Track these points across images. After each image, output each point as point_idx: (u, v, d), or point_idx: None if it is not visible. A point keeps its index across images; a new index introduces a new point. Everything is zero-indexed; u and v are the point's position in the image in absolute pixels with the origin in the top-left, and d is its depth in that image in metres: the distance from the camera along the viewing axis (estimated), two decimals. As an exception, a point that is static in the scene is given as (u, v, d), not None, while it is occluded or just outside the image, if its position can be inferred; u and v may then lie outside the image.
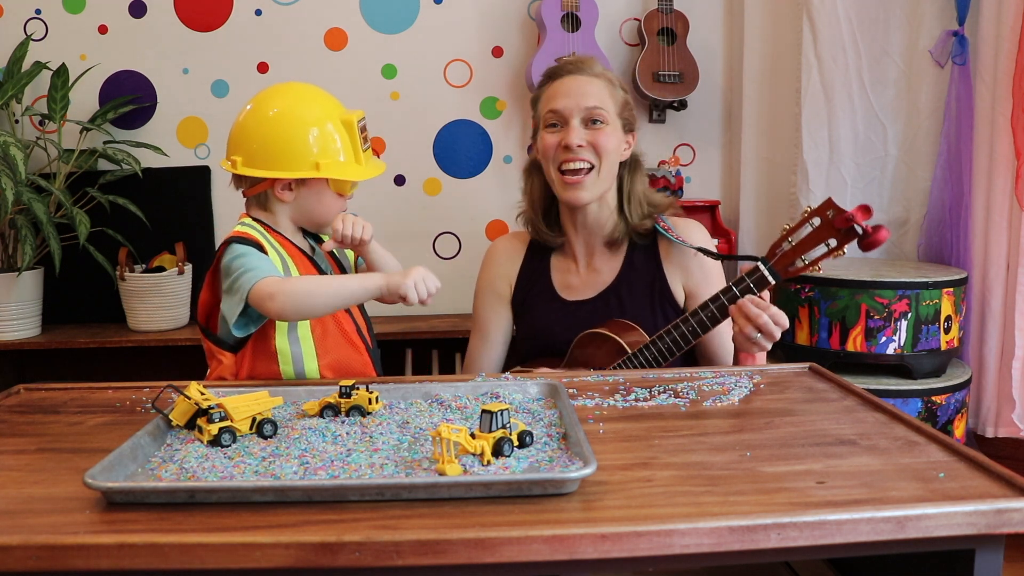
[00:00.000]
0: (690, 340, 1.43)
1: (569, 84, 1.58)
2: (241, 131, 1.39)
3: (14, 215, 2.40)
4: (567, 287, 1.66)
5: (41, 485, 0.90)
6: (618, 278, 1.63)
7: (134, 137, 2.68)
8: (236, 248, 1.31)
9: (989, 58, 2.34)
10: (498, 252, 1.75)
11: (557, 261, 1.70)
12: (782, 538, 0.77)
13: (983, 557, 0.83)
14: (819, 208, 1.34)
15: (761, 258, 1.39)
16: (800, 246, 1.35)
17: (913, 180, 2.53)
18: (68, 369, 2.73)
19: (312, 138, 1.36)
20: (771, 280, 1.38)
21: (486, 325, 1.72)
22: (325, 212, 1.42)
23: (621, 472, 0.90)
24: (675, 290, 1.63)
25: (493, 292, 1.72)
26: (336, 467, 0.91)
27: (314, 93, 1.43)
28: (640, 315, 1.59)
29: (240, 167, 1.37)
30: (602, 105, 1.57)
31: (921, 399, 2.20)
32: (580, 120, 1.56)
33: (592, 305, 1.62)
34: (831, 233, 1.32)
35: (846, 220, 1.29)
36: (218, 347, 1.38)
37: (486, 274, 1.75)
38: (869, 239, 1.30)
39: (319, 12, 2.70)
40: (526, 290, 1.69)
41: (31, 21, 2.65)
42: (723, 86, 2.81)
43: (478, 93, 2.75)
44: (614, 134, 1.58)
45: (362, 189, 2.79)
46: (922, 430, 1.02)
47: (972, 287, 2.41)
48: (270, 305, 1.24)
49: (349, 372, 1.40)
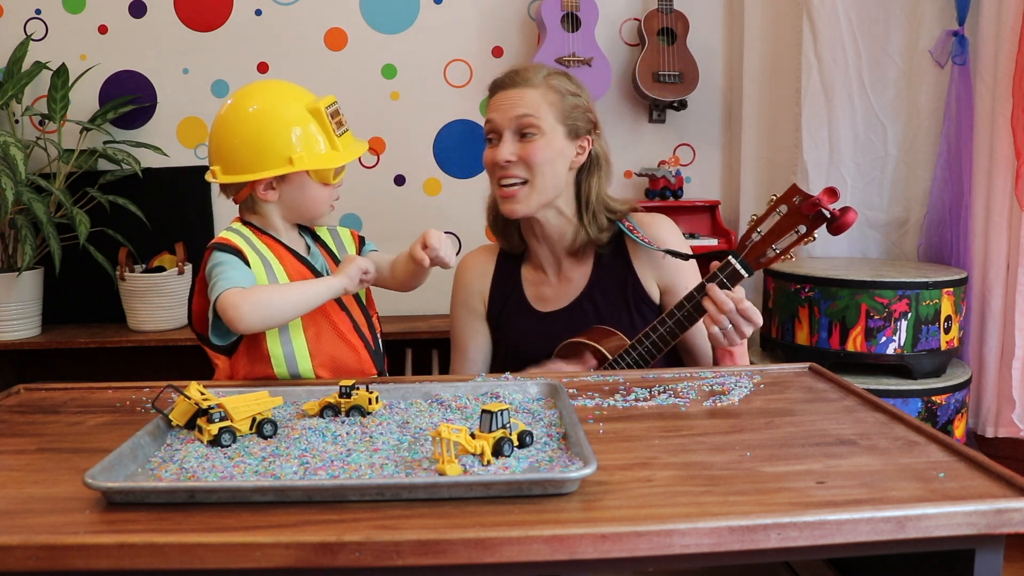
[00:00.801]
0: (669, 341, 1.42)
1: (501, 98, 1.56)
2: (214, 141, 1.40)
3: (14, 215, 2.40)
4: (540, 299, 1.65)
5: (41, 485, 0.90)
6: (590, 284, 1.62)
7: (134, 137, 2.68)
8: (216, 256, 1.33)
9: (989, 58, 2.34)
10: (468, 268, 1.72)
11: (528, 273, 1.68)
12: (782, 538, 0.77)
13: (983, 557, 0.83)
14: (784, 195, 1.32)
15: (731, 251, 1.37)
16: (769, 235, 1.33)
17: (913, 180, 2.53)
18: (68, 369, 2.73)
19: (281, 133, 1.36)
20: (744, 273, 1.36)
21: (464, 343, 1.70)
22: (313, 204, 1.41)
23: (621, 472, 0.90)
24: (649, 289, 1.61)
25: (468, 309, 1.70)
26: (336, 467, 0.91)
27: (277, 89, 1.43)
28: (617, 318, 1.57)
29: (220, 176, 1.39)
30: (533, 114, 1.53)
31: (921, 399, 2.20)
32: (512, 133, 1.54)
33: (567, 314, 1.60)
34: (799, 219, 1.30)
35: (813, 205, 1.28)
36: (213, 351, 1.38)
37: (459, 292, 1.72)
38: (838, 222, 1.28)
39: (319, 12, 2.70)
40: (500, 305, 1.67)
41: (31, 21, 2.66)
42: (723, 86, 2.82)
43: (478, 93, 2.75)
44: (549, 144, 1.54)
45: (362, 189, 2.81)
46: (922, 430, 1.01)
47: (972, 287, 2.41)
48: (232, 316, 1.25)
49: (344, 371, 1.40)
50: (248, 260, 1.34)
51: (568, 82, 1.59)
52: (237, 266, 1.32)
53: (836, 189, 1.28)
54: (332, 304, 1.40)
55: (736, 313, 1.34)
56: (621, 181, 2.80)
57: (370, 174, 2.77)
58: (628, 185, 2.82)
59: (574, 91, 1.59)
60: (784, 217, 1.32)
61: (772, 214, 1.33)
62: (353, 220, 2.78)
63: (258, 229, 1.42)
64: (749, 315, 1.35)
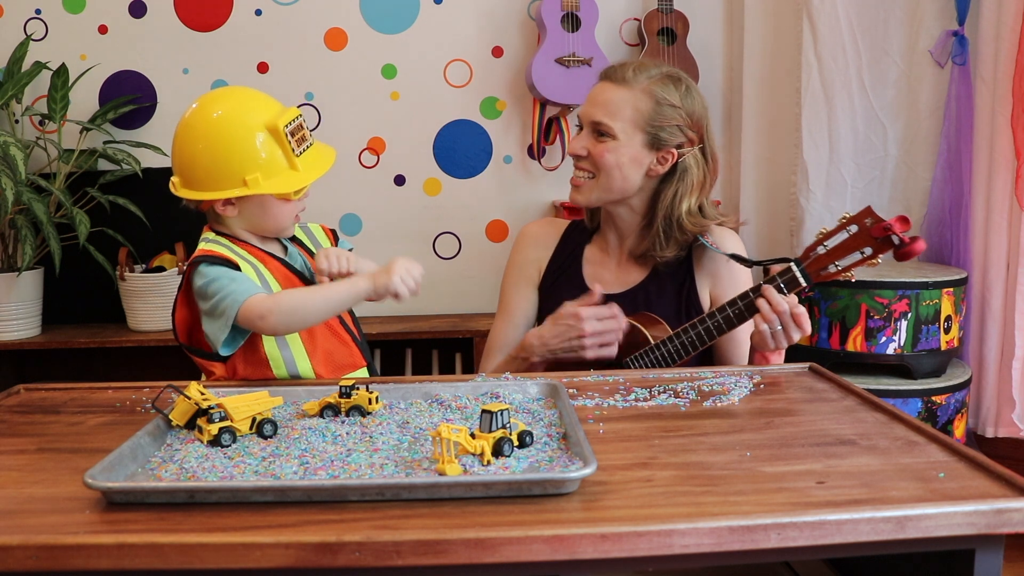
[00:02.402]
0: (714, 335, 1.42)
1: (597, 89, 1.57)
2: (174, 150, 1.36)
3: (14, 215, 2.40)
4: (597, 279, 1.64)
5: (41, 485, 0.90)
6: (648, 277, 1.62)
7: (134, 137, 2.68)
8: (207, 271, 1.29)
9: (989, 58, 2.34)
10: (531, 236, 1.74)
11: (591, 253, 1.69)
12: (782, 538, 0.77)
13: (983, 557, 0.83)
14: (857, 215, 1.33)
15: (794, 259, 1.38)
16: (834, 251, 1.35)
17: (913, 180, 2.53)
18: (68, 369, 2.73)
19: (236, 154, 1.30)
20: (802, 282, 1.37)
21: (512, 306, 1.71)
22: (275, 220, 1.37)
23: (621, 472, 0.90)
24: (703, 297, 1.61)
25: (522, 275, 1.71)
26: (336, 467, 0.91)
27: (237, 102, 1.36)
28: (665, 317, 1.57)
29: (179, 189, 1.35)
30: (611, 118, 1.51)
31: (921, 399, 2.20)
32: (591, 128, 1.55)
33: (619, 300, 1.59)
34: (867, 241, 1.32)
35: (884, 229, 1.30)
36: (206, 360, 1.37)
37: (517, 256, 1.73)
38: (905, 249, 1.29)
39: (319, 12, 2.70)
40: (555, 277, 1.68)
41: (31, 21, 2.65)
42: (723, 86, 2.82)
43: (478, 93, 2.75)
44: (619, 149, 1.52)
45: (362, 189, 2.81)
46: (922, 430, 1.01)
47: (972, 287, 2.41)
48: (261, 324, 1.25)
49: (339, 365, 1.40)
50: (240, 268, 1.32)
51: (673, 91, 1.53)
52: (236, 276, 1.29)
53: (908, 218, 1.30)
54: None
55: (788, 316, 1.35)
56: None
57: (370, 174, 2.77)
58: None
59: (674, 102, 1.52)
60: (852, 236, 1.33)
61: (841, 231, 1.34)
62: (353, 220, 2.78)
63: (232, 238, 1.38)
64: (800, 320, 1.36)
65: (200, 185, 1.33)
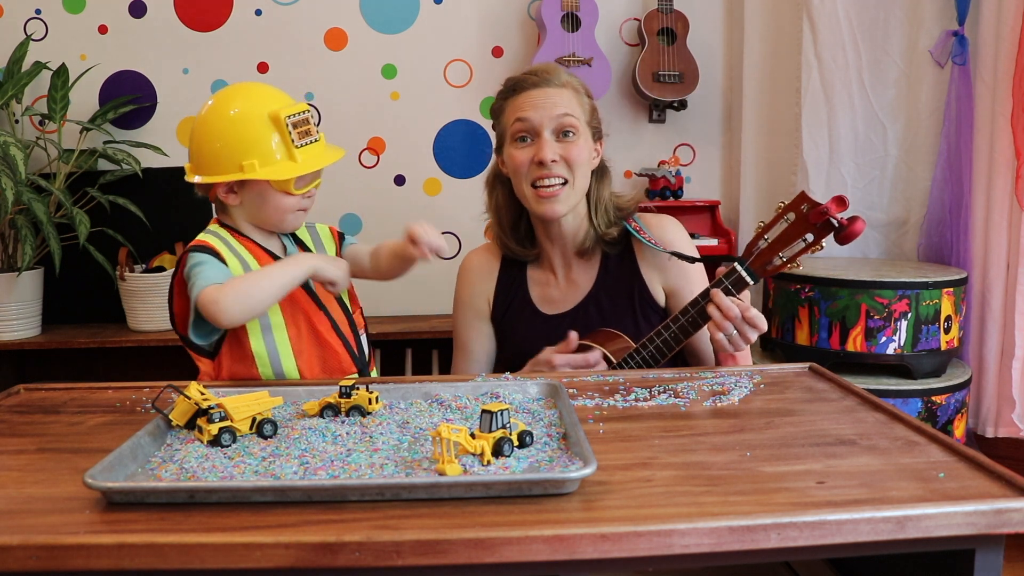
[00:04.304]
0: (673, 346, 1.41)
1: (535, 96, 1.54)
2: (191, 138, 1.40)
3: (14, 215, 2.40)
4: (546, 301, 1.64)
5: (41, 485, 0.90)
6: (595, 286, 1.61)
7: (134, 137, 2.68)
8: (194, 256, 1.31)
9: (989, 58, 2.34)
10: (472, 268, 1.71)
11: (534, 274, 1.67)
12: (782, 538, 0.77)
13: (983, 557, 0.83)
14: (792, 203, 1.30)
15: (738, 258, 1.36)
16: (776, 243, 1.32)
17: (913, 180, 2.53)
18: (68, 369, 2.73)
19: (235, 139, 1.33)
20: (749, 280, 1.35)
21: (469, 344, 1.69)
22: (274, 212, 1.38)
23: (621, 472, 0.90)
24: (655, 292, 1.60)
25: (472, 310, 1.69)
26: (336, 467, 0.91)
27: (247, 93, 1.39)
28: (622, 322, 1.56)
29: (189, 173, 1.39)
30: (573, 114, 1.53)
31: (921, 399, 2.20)
32: (551, 133, 1.52)
33: (572, 316, 1.59)
34: (807, 228, 1.29)
35: (821, 214, 1.26)
36: (196, 353, 1.37)
37: (463, 291, 1.70)
38: (845, 231, 1.26)
39: (319, 12, 2.70)
40: (505, 306, 1.66)
41: (31, 21, 2.66)
42: (723, 86, 2.82)
43: (478, 93, 2.75)
44: (586, 145, 1.54)
45: (362, 189, 2.81)
46: (922, 430, 1.01)
47: (972, 287, 2.41)
48: (213, 310, 1.24)
49: (326, 369, 1.39)
50: (225, 260, 1.33)
51: (582, 84, 1.61)
52: (214, 264, 1.31)
53: (845, 198, 1.27)
54: (310, 303, 1.39)
55: (741, 320, 1.34)
56: (621, 181, 2.80)
57: (370, 174, 2.77)
58: (628, 185, 2.82)
59: (590, 93, 1.60)
60: (792, 225, 1.30)
61: (780, 221, 1.31)
62: (353, 220, 2.78)
63: (234, 230, 1.41)
64: (754, 322, 1.34)
65: (204, 169, 1.36)
